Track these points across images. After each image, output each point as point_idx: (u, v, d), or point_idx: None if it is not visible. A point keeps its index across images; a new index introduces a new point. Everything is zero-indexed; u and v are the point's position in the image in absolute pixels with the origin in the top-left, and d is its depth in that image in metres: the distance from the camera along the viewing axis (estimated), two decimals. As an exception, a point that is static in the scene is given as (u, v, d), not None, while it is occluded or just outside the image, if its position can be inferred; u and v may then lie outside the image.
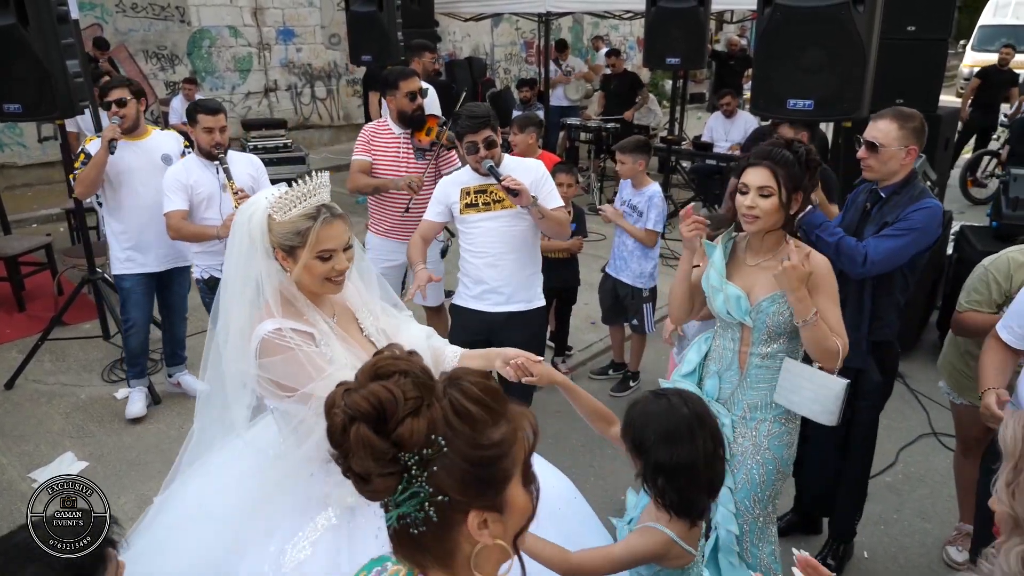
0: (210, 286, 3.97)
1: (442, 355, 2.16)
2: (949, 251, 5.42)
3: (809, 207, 2.61)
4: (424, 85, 4.40)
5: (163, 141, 4.22)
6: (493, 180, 3.13)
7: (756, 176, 2.26)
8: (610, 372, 4.86)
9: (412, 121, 4.12)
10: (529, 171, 3.22)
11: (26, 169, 9.36)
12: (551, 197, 3.24)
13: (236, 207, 3.69)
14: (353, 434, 0.98)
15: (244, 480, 2.04)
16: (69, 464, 3.85)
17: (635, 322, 4.54)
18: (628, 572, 1.87)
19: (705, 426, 1.75)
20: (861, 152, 2.76)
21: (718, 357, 2.49)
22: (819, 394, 2.30)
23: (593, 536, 2.14)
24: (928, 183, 4.95)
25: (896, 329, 2.92)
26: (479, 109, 3.19)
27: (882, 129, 2.71)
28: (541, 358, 2.04)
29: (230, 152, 3.94)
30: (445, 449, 0.98)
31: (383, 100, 4.52)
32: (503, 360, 2.03)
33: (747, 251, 2.42)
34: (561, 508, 2.16)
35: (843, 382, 2.28)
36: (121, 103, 3.93)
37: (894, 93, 6.11)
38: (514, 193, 2.99)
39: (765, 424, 2.39)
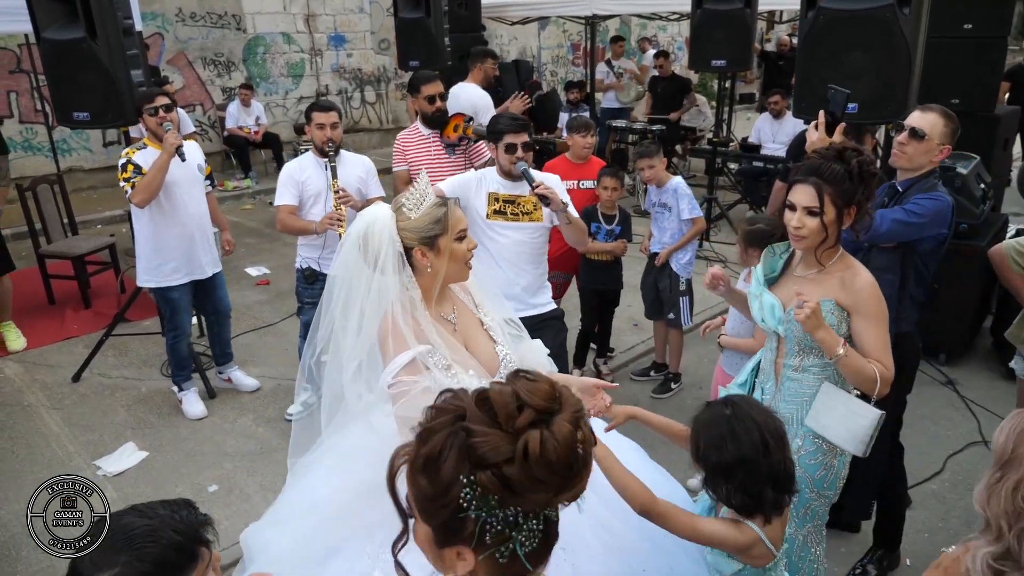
0: (306, 276, 4.13)
1: (537, 365, 2.26)
2: (1005, 255, 5.28)
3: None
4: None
5: (192, 151, 4.28)
6: (522, 190, 3.23)
7: (803, 194, 2.17)
8: (651, 374, 4.87)
9: (434, 122, 4.27)
10: (549, 182, 3.28)
11: (92, 172, 9.80)
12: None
13: (336, 205, 3.87)
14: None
15: (354, 475, 2.10)
16: (130, 454, 4.05)
17: (671, 316, 4.57)
18: (716, 572, 1.94)
19: (744, 421, 1.78)
20: (902, 137, 2.78)
21: (763, 368, 2.48)
22: (852, 422, 2.23)
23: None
24: (982, 185, 4.87)
25: (914, 320, 2.94)
26: (520, 116, 3.30)
27: (930, 120, 2.78)
28: (609, 400, 2.10)
29: (344, 152, 4.09)
30: None
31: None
32: (578, 388, 2.06)
33: (800, 262, 2.36)
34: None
35: (877, 413, 2.20)
36: (168, 108, 4.04)
37: (950, 93, 5.97)
38: (545, 200, 3.05)
39: (796, 440, 2.33)
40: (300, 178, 4.00)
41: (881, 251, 2.86)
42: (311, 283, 4.11)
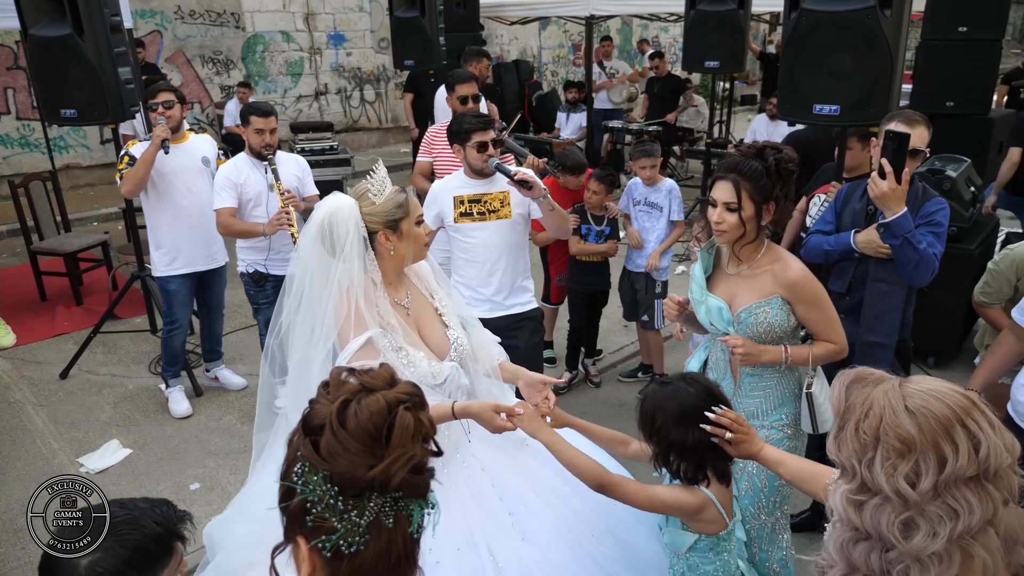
0: (254, 279, 4.13)
1: (490, 353, 2.37)
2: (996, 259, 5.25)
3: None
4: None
5: (200, 145, 4.38)
6: (486, 188, 3.23)
7: (722, 191, 2.23)
8: (639, 375, 4.86)
9: None
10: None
11: (89, 169, 9.82)
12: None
13: (282, 206, 3.87)
14: (424, 420, 1.04)
15: None
16: (114, 451, 4.05)
17: (645, 318, 4.57)
18: (671, 558, 2.02)
19: (714, 400, 1.86)
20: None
21: (714, 366, 2.50)
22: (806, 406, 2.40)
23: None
24: (972, 189, 4.85)
25: (911, 327, 3.00)
26: (484, 113, 3.30)
27: (920, 134, 2.75)
28: (553, 400, 2.18)
29: (278, 153, 4.08)
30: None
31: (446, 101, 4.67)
32: (526, 382, 2.24)
33: (729, 260, 2.40)
34: None
35: (803, 393, 2.36)
36: (168, 104, 4.09)
37: (945, 95, 5.96)
38: (528, 186, 3.02)
39: (763, 431, 2.39)
40: (238, 180, 3.99)
41: (881, 263, 2.86)
42: (261, 285, 4.13)
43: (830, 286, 3.11)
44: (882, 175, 2.60)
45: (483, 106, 5.03)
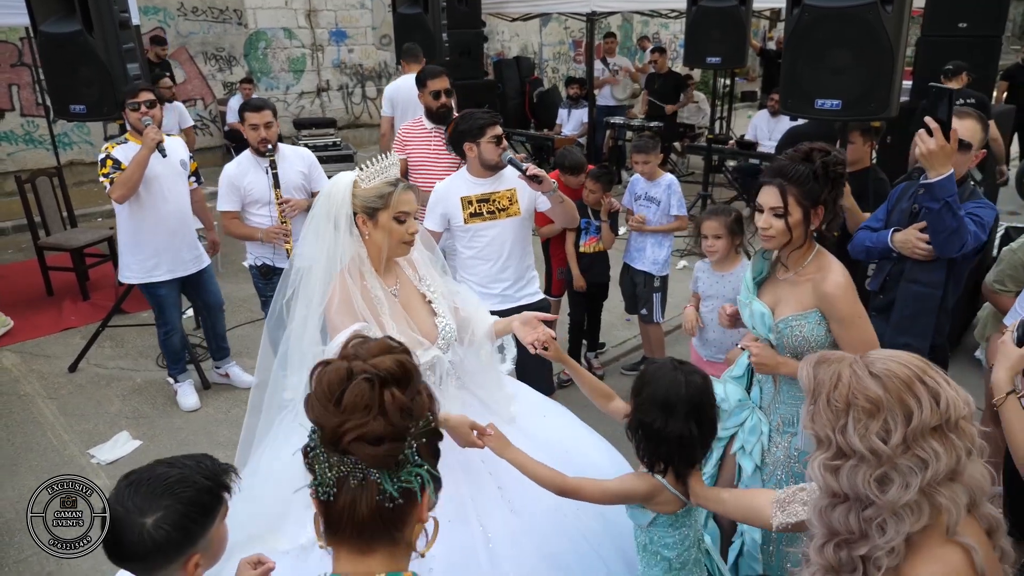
0: (262, 272, 4.16)
1: (480, 319, 2.43)
2: (995, 253, 5.29)
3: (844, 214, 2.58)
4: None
5: (175, 147, 4.26)
6: (494, 186, 3.27)
7: (769, 196, 2.19)
8: (641, 368, 4.90)
9: (438, 117, 4.28)
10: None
11: (93, 166, 9.76)
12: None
13: (281, 219, 3.91)
14: (387, 396, 1.08)
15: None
16: (124, 443, 4.10)
17: (644, 312, 4.62)
18: (634, 528, 2.06)
19: (700, 409, 1.85)
20: None
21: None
22: None
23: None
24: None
25: (947, 332, 2.93)
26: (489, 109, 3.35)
27: (970, 128, 2.70)
28: (553, 333, 2.25)
29: (282, 147, 4.06)
30: (432, 423, 1.13)
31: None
32: (520, 321, 2.30)
33: (779, 265, 2.36)
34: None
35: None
36: (150, 104, 3.97)
37: (945, 91, 6.00)
38: (538, 180, 3.06)
39: (796, 438, 2.34)
40: (241, 183, 3.99)
41: (918, 264, 2.82)
42: (268, 278, 4.15)
43: (867, 285, 3.08)
44: (930, 132, 2.48)
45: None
